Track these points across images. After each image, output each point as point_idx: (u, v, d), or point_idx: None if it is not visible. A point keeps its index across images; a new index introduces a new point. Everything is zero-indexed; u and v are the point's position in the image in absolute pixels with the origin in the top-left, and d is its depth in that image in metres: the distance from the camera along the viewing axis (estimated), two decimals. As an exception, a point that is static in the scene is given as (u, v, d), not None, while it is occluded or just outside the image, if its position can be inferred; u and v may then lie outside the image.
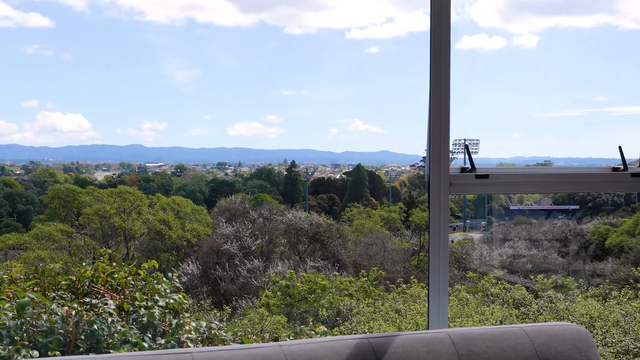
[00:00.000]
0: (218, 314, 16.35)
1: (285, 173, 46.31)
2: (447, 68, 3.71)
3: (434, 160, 3.72)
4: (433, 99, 3.69)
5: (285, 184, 45.86)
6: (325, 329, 6.59)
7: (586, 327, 11.88)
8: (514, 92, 41.46)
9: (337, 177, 48.29)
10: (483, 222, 35.09)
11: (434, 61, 3.69)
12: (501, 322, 12.97)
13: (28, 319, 4.67)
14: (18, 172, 46.13)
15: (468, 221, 36.58)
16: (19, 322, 4.62)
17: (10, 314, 4.69)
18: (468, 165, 3.89)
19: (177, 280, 6.26)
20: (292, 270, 19.20)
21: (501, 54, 41.17)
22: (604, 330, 12.28)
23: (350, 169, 48.17)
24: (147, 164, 49.57)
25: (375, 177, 46.18)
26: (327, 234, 27.15)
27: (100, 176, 46.30)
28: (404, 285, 16.95)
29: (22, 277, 6.42)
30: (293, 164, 46.17)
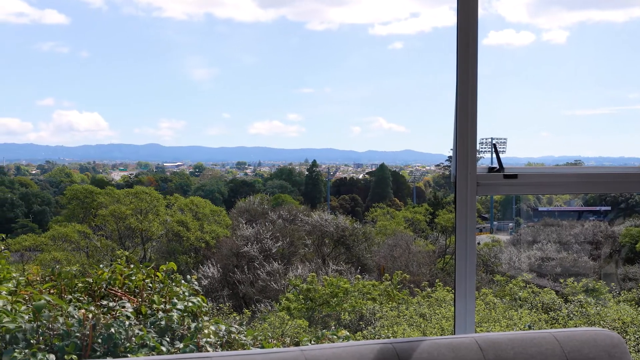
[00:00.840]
0: (238, 318, 16.41)
1: (307, 173, 46.31)
2: (474, 64, 3.69)
3: (461, 160, 3.70)
4: (460, 97, 3.67)
5: (306, 184, 45.85)
6: (348, 333, 6.58)
7: (618, 333, 11.79)
8: (542, 89, 41.17)
9: (360, 177, 48.22)
10: (511, 224, 34.90)
11: (460, 57, 3.67)
12: (530, 327, 12.90)
13: (44, 322, 4.70)
14: (34, 172, 46.53)
15: (495, 223, 36.40)
16: (35, 325, 4.65)
17: (27, 317, 4.73)
18: (496, 165, 3.87)
19: (195, 282, 6.28)
20: (313, 274, 19.19)
21: (529, 50, 40.94)
22: (637, 336, 12.18)
23: (373, 169, 48.10)
24: (164, 164, 49.81)
25: (399, 177, 46.07)
26: (352, 238, 27.13)
27: (117, 176, 46.58)
28: (429, 289, 16.91)
29: (38, 279, 6.47)
30: (314, 164, 46.15)
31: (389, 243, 28.17)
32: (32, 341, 4.60)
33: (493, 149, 4.07)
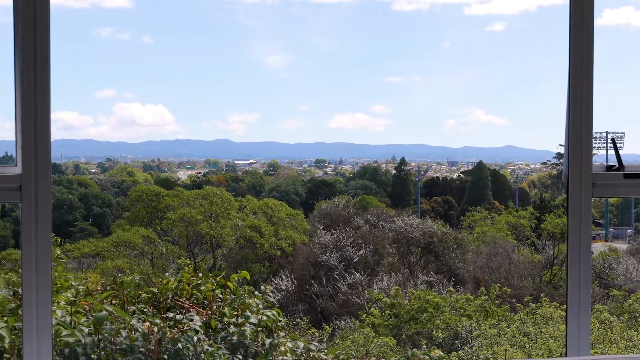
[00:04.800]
0: (317, 334, 16.47)
1: (394, 172, 46.27)
2: (589, 48, 3.60)
3: (574, 157, 3.62)
4: (573, 84, 3.60)
5: (393, 184, 45.78)
6: (442, 353, 6.53)
7: None
8: (667, 76, 40.15)
9: (454, 176, 47.90)
10: (629, 231, 34.16)
11: (573, 40, 3.59)
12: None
13: (106, 335, 4.79)
14: (93, 170, 47.75)
15: (611, 229, 35.69)
16: (96, 339, 4.74)
17: (87, 330, 4.82)
18: (614, 163, 3.78)
19: (270, 294, 6.32)
20: (397, 287, 19.11)
21: (652, 30, 39.88)
22: None
23: (470, 167, 47.69)
24: (235, 162, 50.47)
25: (499, 177, 45.58)
26: (442, 244, 26.91)
27: (183, 175, 47.40)
28: (533, 304, 16.68)
29: (98, 288, 6.60)
30: (403, 162, 46.05)
31: (486, 252, 27.84)
32: (92, 356, 4.70)
33: (612, 145, 3.99)
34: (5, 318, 4.67)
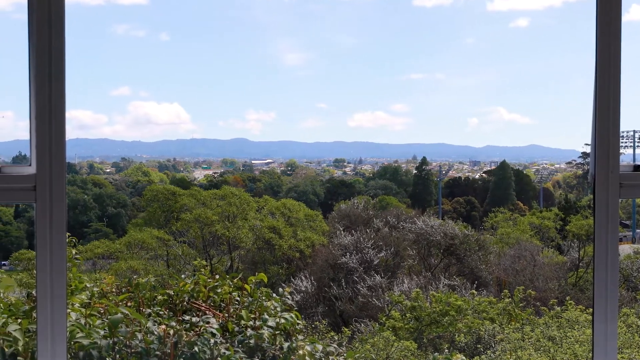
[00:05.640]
0: (336, 337, 16.47)
1: (415, 172, 46.24)
2: (616, 44, 3.58)
3: (601, 156, 3.61)
4: (599, 82, 3.58)
5: (414, 184, 45.75)
6: (464, 358, 6.51)
7: None
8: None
9: (477, 176, 47.83)
10: (658, 233, 33.98)
11: (600, 36, 3.58)
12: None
13: (121, 338, 4.81)
14: (108, 170, 47.98)
15: (638, 231, 35.51)
16: (111, 342, 4.76)
17: (102, 332, 4.84)
18: (642, 162, 3.76)
19: (288, 296, 6.32)
20: (418, 290, 19.09)
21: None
22: None
23: (493, 167, 47.61)
24: (253, 161, 50.58)
25: (523, 177, 45.46)
26: (464, 246, 26.85)
27: (199, 175, 47.55)
28: (558, 308, 16.61)
29: (113, 290, 6.63)
30: (424, 161, 46.00)
31: (510, 254, 27.77)
32: (107, 359, 4.71)
33: (640, 143, 3.96)
34: (19, 320, 4.70)
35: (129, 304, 5.99)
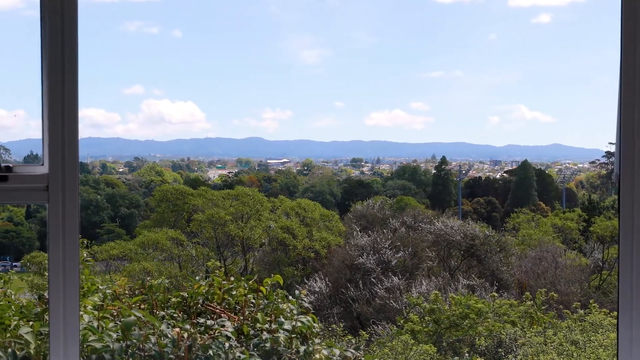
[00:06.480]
0: (353, 341, 16.46)
1: (434, 171, 46.17)
2: (642, 39, 3.57)
3: (626, 156, 3.59)
4: (624, 79, 3.56)
5: (433, 184, 45.68)
6: (485, 362, 6.50)
7: None
8: None
9: (498, 176, 47.68)
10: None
11: (625, 31, 3.56)
12: None
13: (134, 341, 4.83)
14: (121, 169, 48.12)
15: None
16: (124, 345, 4.78)
17: (115, 335, 4.85)
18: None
19: (305, 299, 6.32)
20: (437, 292, 19.03)
21: None
22: None
23: (514, 167, 47.46)
24: (268, 161, 50.61)
25: (545, 177, 45.31)
26: (484, 248, 26.78)
27: (214, 175, 47.61)
28: (581, 311, 16.53)
29: (126, 292, 6.65)
30: (443, 161, 45.92)
31: (532, 255, 27.67)
32: (120, 363, 4.73)
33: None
34: (31, 323, 4.72)
35: (142, 306, 6.01)
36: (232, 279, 6.29)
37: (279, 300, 6.07)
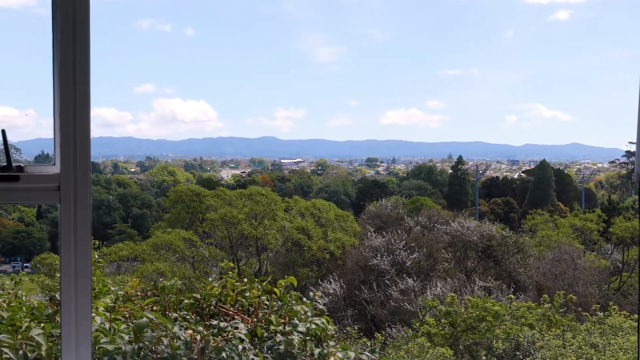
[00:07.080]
0: (368, 343, 16.44)
1: (450, 171, 46.11)
2: (664, 37, 3.55)
3: (647, 155, 3.57)
4: (645, 77, 3.55)
5: (450, 184, 45.59)
6: (502, 366, 6.48)
7: None
8: None
9: (515, 176, 47.57)
10: None
11: (646, 28, 3.54)
12: None
13: (147, 343, 4.83)
14: (133, 169, 48.26)
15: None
16: (136, 347, 4.78)
17: (127, 337, 4.86)
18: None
19: (319, 301, 6.32)
20: (453, 294, 18.98)
21: None
22: None
23: (532, 167, 47.34)
24: (282, 160, 50.65)
25: (563, 177, 45.12)
26: (501, 249, 26.71)
27: (227, 175, 47.69)
28: (600, 314, 16.46)
29: (138, 293, 6.65)
30: (460, 160, 45.80)
31: (550, 257, 27.58)
32: (132, 365, 4.73)
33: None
34: (42, 324, 4.73)
35: (154, 307, 6.01)
36: (245, 280, 6.29)
37: (293, 302, 6.07)
